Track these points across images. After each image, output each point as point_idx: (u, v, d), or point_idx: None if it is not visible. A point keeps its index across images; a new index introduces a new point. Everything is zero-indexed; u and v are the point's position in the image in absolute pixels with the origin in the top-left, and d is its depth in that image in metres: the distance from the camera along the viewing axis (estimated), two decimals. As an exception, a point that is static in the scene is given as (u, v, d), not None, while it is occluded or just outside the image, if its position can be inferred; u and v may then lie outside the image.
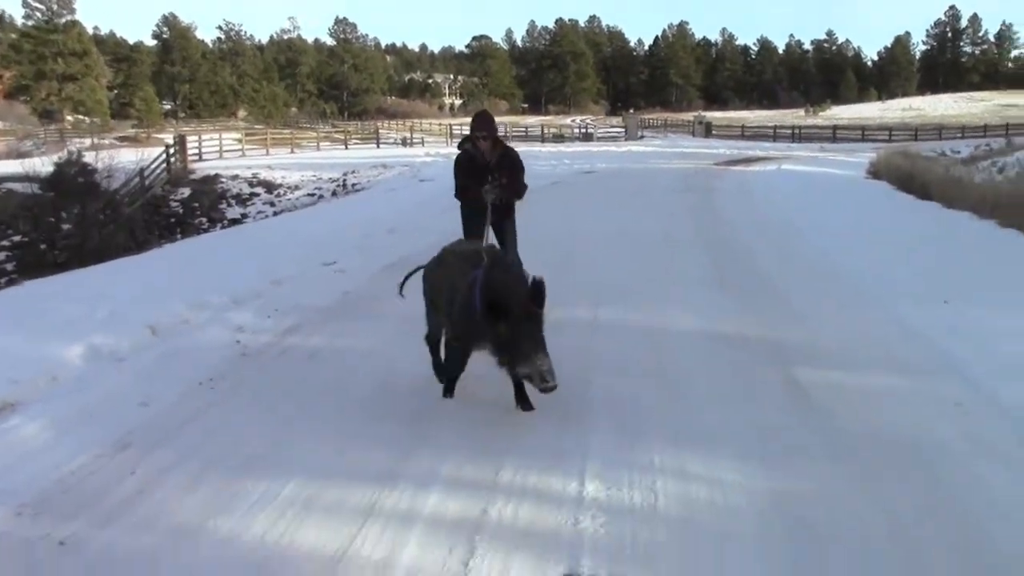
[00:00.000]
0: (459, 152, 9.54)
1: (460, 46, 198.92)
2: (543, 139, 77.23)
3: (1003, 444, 6.16)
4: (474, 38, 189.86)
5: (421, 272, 7.66)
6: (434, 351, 7.48)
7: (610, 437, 6.23)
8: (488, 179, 9.18)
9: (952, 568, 4.53)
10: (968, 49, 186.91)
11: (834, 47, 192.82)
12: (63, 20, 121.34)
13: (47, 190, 29.69)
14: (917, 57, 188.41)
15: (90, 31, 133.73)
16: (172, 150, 49.18)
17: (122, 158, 39.63)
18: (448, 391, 7.11)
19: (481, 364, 6.95)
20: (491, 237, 9.15)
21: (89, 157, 35.82)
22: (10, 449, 6.15)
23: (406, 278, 7.94)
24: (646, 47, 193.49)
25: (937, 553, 4.65)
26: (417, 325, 9.06)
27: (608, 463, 5.78)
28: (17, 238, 29.68)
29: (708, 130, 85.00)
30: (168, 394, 7.24)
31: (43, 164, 35.84)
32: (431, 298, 7.38)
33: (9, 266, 26.42)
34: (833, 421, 6.66)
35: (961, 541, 4.80)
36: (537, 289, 6.17)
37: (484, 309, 6.18)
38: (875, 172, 31.60)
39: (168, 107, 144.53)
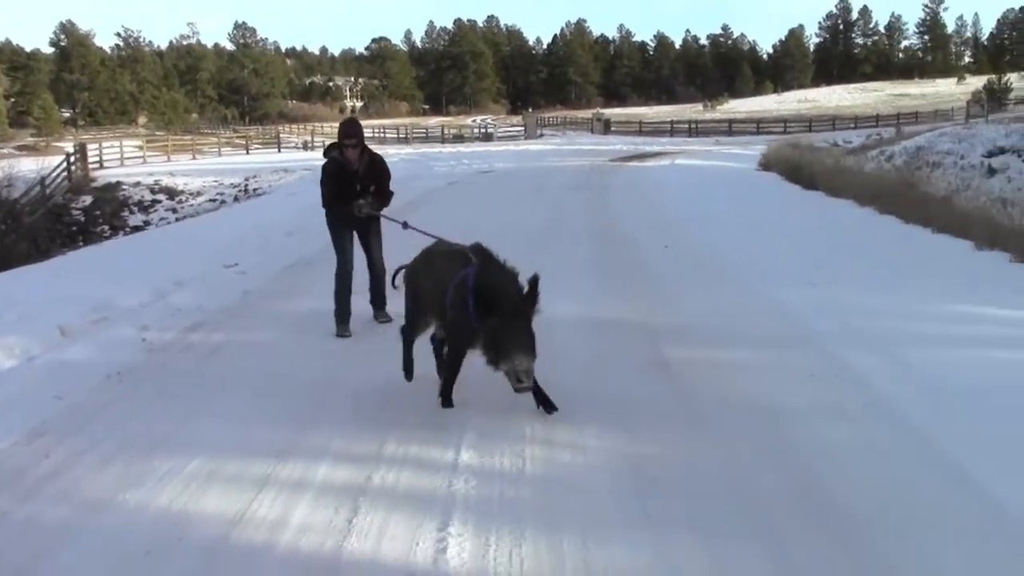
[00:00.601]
0: (327, 160, 9.63)
1: (360, 48, 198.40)
2: (443, 140, 77.71)
3: (848, 407, 6.81)
4: (373, 40, 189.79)
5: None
6: (408, 345, 7.49)
7: (488, 412, 6.74)
8: (357, 188, 9.36)
9: (790, 514, 5.08)
10: (860, 40, 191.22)
11: (730, 41, 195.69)
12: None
13: (-54, 201, 29.44)
14: (811, 49, 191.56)
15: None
16: (73, 158, 48.63)
17: (22, 167, 39.27)
18: (446, 399, 6.94)
19: (368, 345, 7.51)
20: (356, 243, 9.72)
21: (-12, 167, 35.61)
22: (-72, 440, 6.44)
23: (395, 274, 8.09)
24: (545, 46, 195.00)
25: (778, 503, 5.23)
26: (313, 322, 9.58)
27: (484, 435, 6.32)
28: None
29: (607, 127, 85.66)
30: (79, 388, 7.57)
31: (-59, 175, 35.45)
32: (415, 293, 7.39)
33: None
34: (694, 392, 7.28)
35: (801, 492, 5.38)
36: (531, 288, 6.26)
37: (475, 301, 6.33)
38: (766, 164, 32.36)
39: (67, 115, 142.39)
